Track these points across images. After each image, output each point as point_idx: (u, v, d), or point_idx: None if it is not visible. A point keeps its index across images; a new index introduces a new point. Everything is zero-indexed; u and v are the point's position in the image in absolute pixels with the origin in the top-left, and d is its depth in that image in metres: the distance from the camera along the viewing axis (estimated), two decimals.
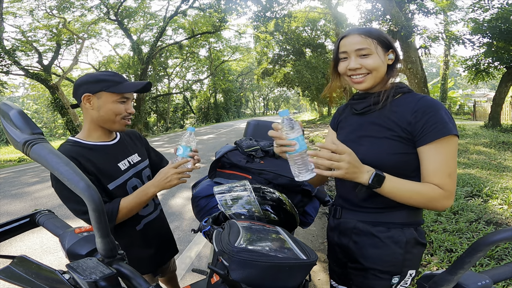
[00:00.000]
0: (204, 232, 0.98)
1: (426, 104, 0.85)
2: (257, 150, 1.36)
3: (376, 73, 0.89)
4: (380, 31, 0.93)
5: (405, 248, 0.89)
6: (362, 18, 12.41)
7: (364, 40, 0.88)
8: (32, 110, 32.85)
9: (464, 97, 22.04)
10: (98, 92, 1.06)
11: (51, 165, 0.49)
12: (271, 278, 0.67)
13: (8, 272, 0.52)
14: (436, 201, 0.82)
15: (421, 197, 0.82)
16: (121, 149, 1.19)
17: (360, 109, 0.96)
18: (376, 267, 0.90)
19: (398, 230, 0.89)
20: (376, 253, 0.90)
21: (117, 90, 1.06)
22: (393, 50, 0.92)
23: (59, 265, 2.52)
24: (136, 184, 1.18)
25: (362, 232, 0.93)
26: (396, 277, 0.90)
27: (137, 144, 1.29)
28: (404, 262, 0.90)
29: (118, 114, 1.09)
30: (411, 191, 0.82)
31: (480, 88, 38.76)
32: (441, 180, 0.82)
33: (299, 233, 2.92)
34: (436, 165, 0.82)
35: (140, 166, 1.23)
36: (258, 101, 71.21)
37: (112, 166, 1.12)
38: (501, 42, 8.69)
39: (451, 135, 0.82)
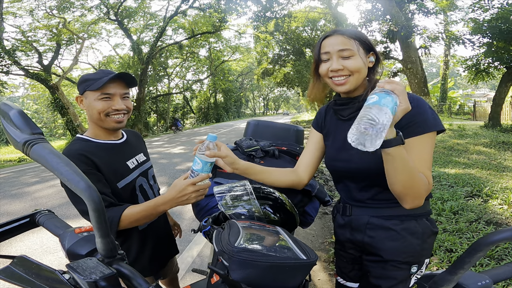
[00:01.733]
0: (204, 232, 0.98)
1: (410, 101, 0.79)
2: (257, 150, 1.36)
3: (358, 75, 0.89)
4: (362, 33, 0.93)
5: (422, 238, 0.91)
6: (362, 18, 12.42)
7: (347, 41, 0.88)
8: (32, 110, 32.87)
9: (464, 97, 22.06)
10: (84, 92, 1.06)
11: (51, 165, 0.49)
12: (271, 278, 0.67)
13: (8, 272, 0.52)
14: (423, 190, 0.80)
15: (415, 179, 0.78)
16: (128, 148, 1.19)
17: (346, 115, 0.96)
18: (396, 258, 0.92)
19: (413, 222, 0.91)
20: (394, 245, 0.92)
21: (94, 86, 1.03)
22: (373, 53, 0.92)
23: (59, 265, 2.52)
24: (142, 183, 1.18)
25: (377, 226, 0.95)
26: (414, 266, 0.93)
27: (141, 144, 1.31)
28: (422, 252, 0.92)
29: (101, 111, 1.05)
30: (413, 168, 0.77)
31: (480, 88, 38.77)
32: (424, 172, 0.82)
33: (299, 233, 2.92)
34: (421, 157, 0.83)
35: (146, 166, 1.25)
36: (258, 101, 71.21)
37: (122, 164, 1.12)
38: (501, 42, 8.69)
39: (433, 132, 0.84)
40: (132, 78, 1.12)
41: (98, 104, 1.05)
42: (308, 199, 1.32)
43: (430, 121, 0.84)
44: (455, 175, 4.22)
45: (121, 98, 1.09)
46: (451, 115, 17.69)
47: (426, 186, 0.81)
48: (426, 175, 0.82)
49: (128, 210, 0.98)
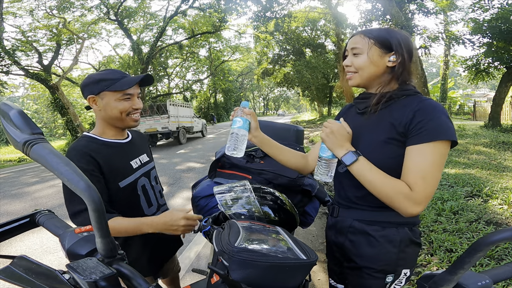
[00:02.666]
0: (204, 232, 0.98)
1: (426, 106, 0.83)
2: (257, 150, 1.36)
3: (362, 73, 0.91)
4: (388, 31, 0.91)
5: (399, 247, 0.89)
6: (362, 18, 12.41)
7: (360, 39, 0.91)
8: (32, 110, 32.85)
9: (464, 97, 22.06)
10: (101, 92, 1.07)
11: (51, 165, 0.49)
12: (271, 278, 0.67)
13: (8, 272, 0.52)
14: (399, 198, 0.79)
15: (386, 186, 0.80)
16: (133, 148, 1.20)
17: (361, 108, 0.97)
18: (371, 265, 0.91)
19: (393, 229, 0.90)
20: (370, 252, 0.91)
21: (117, 87, 1.06)
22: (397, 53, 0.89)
23: (59, 265, 2.52)
24: (144, 183, 1.19)
25: (357, 230, 0.94)
26: (390, 276, 0.91)
27: (145, 145, 1.32)
28: (398, 261, 0.90)
29: (124, 111, 1.09)
30: (378, 178, 0.82)
31: (480, 88, 38.77)
32: (413, 180, 0.79)
33: (299, 233, 2.92)
34: (416, 165, 0.79)
35: (149, 166, 1.25)
36: (258, 101, 71.19)
37: (125, 164, 1.13)
38: (501, 42, 8.69)
39: (443, 141, 0.79)
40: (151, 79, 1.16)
41: (120, 104, 1.08)
42: (308, 199, 1.32)
43: (436, 130, 0.79)
44: (455, 175, 4.22)
45: (137, 97, 1.14)
46: (451, 115, 17.69)
47: (403, 194, 0.78)
48: (412, 183, 0.78)
49: (113, 221, 0.98)
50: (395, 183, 0.81)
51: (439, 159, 0.79)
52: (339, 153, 0.87)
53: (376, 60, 0.89)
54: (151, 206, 1.21)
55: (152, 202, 1.21)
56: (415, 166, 0.79)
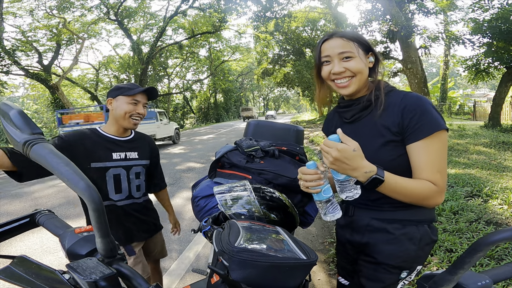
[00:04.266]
0: (204, 232, 0.98)
1: (411, 101, 0.86)
2: (257, 150, 1.36)
3: (360, 76, 0.90)
4: (359, 34, 0.94)
5: (418, 244, 0.90)
6: (362, 18, 12.42)
7: (346, 43, 0.89)
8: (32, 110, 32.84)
9: (464, 97, 22.04)
10: (117, 96, 1.39)
11: (51, 165, 0.49)
12: (271, 278, 0.67)
13: (8, 272, 0.52)
14: (431, 198, 0.84)
15: (417, 195, 0.83)
16: (125, 145, 1.44)
17: (349, 117, 0.96)
18: (389, 262, 0.92)
19: (413, 227, 0.90)
20: (390, 249, 0.92)
21: (127, 93, 1.38)
22: (373, 53, 0.92)
23: (59, 265, 2.52)
24: (120, 173, 1.40)
25: (376, 229, 0.94)
26: (405, 272, 0.92)
27: (142, 146, 1.52)
28: (416, 259, 0.92)
29: (128, 112, 1.37)
30: (407, 190, 0.83)
31: (480, 88, 38.77)
32: (433, 176, 0.82)
33: (299, 233, 2.92)
34: (427, 161, 0.83)
35: (133, 162, 1.45)
36: (258, 101, 71.20)
37: (105, 152, 1.37)
38: (501, 42, 8.69)
39: (441, 131, 0.83)
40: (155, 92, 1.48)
41: (127, 107, 1.37)
42: (308, 199, 1.32)
43: (431, 122, 0.83)
44: (455, 175, 4.22)
45: (142, 106, 1.43)
46: (451, 115, 17.69)
47: (433, 192, 0.82)
48: (433, 180, 0.82)
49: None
50: (422, 185, 0.83)
51: (443, 148, 0.84)
52: (360, 177, 0.79)
53: (365, 61, 0.90)
54: (118, 193, 1.41)
55: (122, 190, 1.41)
56: (428, 163, 0.83)
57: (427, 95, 11.17)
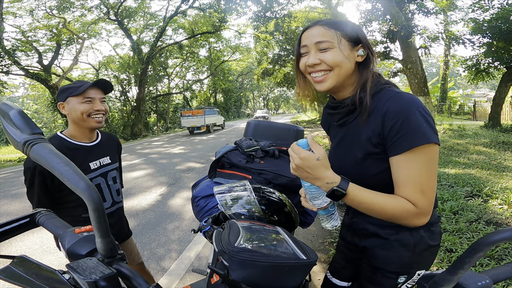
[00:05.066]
0: (204, 232, 0.98)
1: (395, 105, 0.73)
2: (257, 150, 1.36)
3: (338, 70, 0.78)
4: (351, 23, 0.81)
5: (413, 250, 0.84)
6: (362, 18, 12.42)
7: (326, 31, 0.77)
8: (32, 110, 32.84)
9: (464, 97, 22.04)
10: (67, 98, 1.25)
11: (51, 165, 0.49)
12: (271, 278, 0.67)
13: (8, 272, 0.52)
14: (406, 219, 0.73)
15: (389, 214, 0.73)
16: (96, 151, 1.36)
17: (337, 121, 0.88)
18: (385, 267, 0.89)
19: (407, 233, 0.84)
20: (384, 254, 0.88)
21: (76, 92, 1.24)
22: (363, 46, 0.80)
23: (59, 265, 2.52)
24: (100, 182, 1.35)
25: (371, 233, 0.91)
26: (402, 277, 0.88)
27: (111, 148, 1.45)
28: (412, 264, 0.87)
29: (84, 112, 1.25)
30: (375, 206, 0.73)
31: (480, 88, 38.77)
32: (412, 196, 0.72)
33: (299, 233, 2.92)
34: (407, 178, 0.72)
35: (107, 168, 1.39)
36: (258, 101, 71.18)
37: (83, 164, 1.29)
38: (501, 42, 8.68)
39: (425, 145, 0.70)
40: (108, 85, 1.32)
41: (81, 106, 1.24)
42: None
43: (418, 132, 0.70)
44: (455, 175, 4.22)
45: (100, 101, 1.29)
46: (451, 115, 17.69)
47: (410, 213, 0.72)
48: (412, 200, 0.71)
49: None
50: (397, 204, 0.72)
51: (430, 164, 0.71)
52: (321, 188, 0.73)
53: (348, 54, 0.78)
54: (104, 202, 1.34)
55: (105, 198, 1.38)
56: (409, 180, 0.72)
57: (427, 95, 11.17)
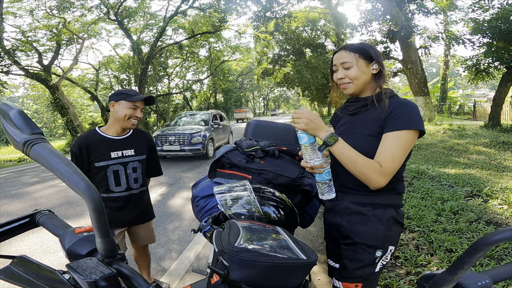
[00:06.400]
0: (204, 232, 0.99)
1: (401, 103, 1.03)
2: (257, 150, 1.36)
3: (356, 82, 1.07)
4: (365, 45, 1.09)
5: (386, 225, 1.04)
6: (362, 18, 12.42)
7: (347, 54, 1.07)
8: (32, 110, 32.84)
9: (464, 97, 22.02)
10: (119, 100, 1.60)
11: (51, 165, 0.49)
12: (271, 278, 0.67)
13: (8, 272, 0.52)
14: (371, 172, 0.96)
15: (360, 165, 0.97)
16: (121, 144, 1.66)
17: (352, 110, 1.14)
18: (364, 241, 1.05)
19: (381, 210, 1.05)
20: (363, 229, 1.06)
21: (129, 99, 1.59)
22: (376, 62, 1.08)
23: (59, 265, 2.52)
24: (118, 169, 1.64)
25: (353, 211, 1.08)
26: (379, 251, 1.05)
27: (139, 143, 1.73)
28: (386, 238, 1.05)
29: (128, 115, 1.60)
30: (354, 157, 0.98)
31: (480, 88, 38.76)
32: (383, 159, 0.97)
33: (299, 233, 2.92)
34: (387, 148, 0.97)
35: (129, 159, 1.67)
36: (258, 101, 71.17)
37: (105, 152, 1.61)
38: (501, 42, 8.68)
39: (411, 130, 0.97)
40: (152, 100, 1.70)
41: (127, 111, 1.60)
42: (308, 199, 1.32)
43: (408, 121, 0.98)
44: (455, 175, 4.22)
45: (140, 110, 1.65)
46: (451, 115, 17.68)
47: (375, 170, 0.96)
48: (381, 161, 0.97)
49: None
50: (368, 162, 0.98)
51: (405, 144, 0.98)
52: (321, 135, 1.01)
53: (365, 70, 1.07)
54: (118, 186, 1.66)
55: (121, 183, 1.66)
56: (387, 149, 0.98)
57: (427, 95, 11.17)
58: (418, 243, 2.48)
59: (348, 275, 1.09)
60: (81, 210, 4.02)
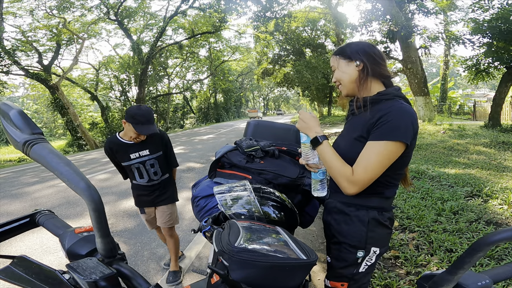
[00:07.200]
0: (204, 232, 0.98)
1: (393, 110, 0.95)
2: (257, 150, 1.36)
3: (343, 83, 1.09)
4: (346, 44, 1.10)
5: (367, 226, 1.04)
6: (362, 18, 12.42)
7: (332, 58, 1.12)
8: (32, 110, 32.85)
9: (464, 97, 22.02)
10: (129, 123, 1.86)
11: (51, 165, 0.49)
12: (271, 278, 0.67)
13: (8, 272, 0.52)
14: (342, 179, 0.97)
15: (334, 169, 0.99)
16: (137, 146, 1.97)
17: (350, 111, 1.15)
18: (346, 241, 1.06)
19: (364, 211, 1.05)
20: (346, 229, 1.07)
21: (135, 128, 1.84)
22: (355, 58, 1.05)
23: (59, 265, 2.52)
24: (139, 166, 1.99)
25: (339, 210, 1.10)
26: (360, 252, 1.05)
27: (153, 143, 2.01)
28: (367, 239, 1.04)
29: (133, 137, 1.92)
30: (332, 160, 0.99)
31: (480, 88, 38.75)
32: (356, 166, 0.96)
33: (299, 233, 2.92)
34: (364, 157, 0.95)
35: (145, 158, 1.99)
36: (258, 101, 71.17)
37: (126, 154, 1.96)
38: (501, 42, 8.68)
39: (392, 141, 0.92)
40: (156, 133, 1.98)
41: (132, 134, 1.89)
42: (308, 199, 1.32)
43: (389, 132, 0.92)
44: (455, 175, 4.22)
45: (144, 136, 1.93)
46: (451, 115, 17.68)
47: (345, 176, 0.96)
48: (354, 170, 0.96)
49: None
50: (344, 167, 0.98)
51: (384, 156, 0.93)
52: (310, 135, 1.05)
53: (345, 69, 1.07)
54: (142, 178, 2.03)
55: (143, 176, 2.02)
56: (363, 158, 0.96)
57: (427, 95, 11.17)
58: (418, 243, 2.48)
59: (334, 273, 1.11)
60: (81, 210, 4.02)
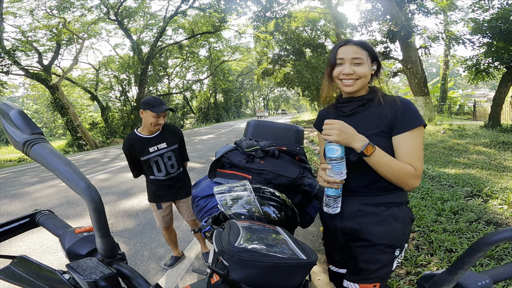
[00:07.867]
0: (204, 232, 0.98)
1: (402, 102, 1.05)
2: (257, 150, 1.35)
3: (364, 80, 1.06)
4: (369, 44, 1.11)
5: (403, 223, 1.05)
6: (362, 18, 12.42)
7: (360, 51, 1.05)
8: (32, 110, 32.85)
9: (464, 97, 22.02)
10: (146, 110, 1.98)
11: (51, 165, 0.49)
12: (271, 278, 0.67)
13: (8, 272, 0.52)
14: (409, 177, 0.98)
15: (399, 172, 0.97)
16: (154, 140, 2.09)
17: (347, 111, 1.11)
18: (383, 242, 1.04)
19: (396, 208, 1.05)
20: (381, 230, 1.04)
21: (153, 110, 1.97)
22: (377, 62, 1.10)
23: (59, 265, 2.52)
24: (157, 159, 2.10)
25: (367, 213, 1.07)
26: (398, 250, 1.06)
27: (169, 137, 2.14)
28: (403, 236, 1.06)
29: (153, 123, 2.02)
30: (392, 165, 0.97)
31: (480, 88, 38.76)
32: (414, 162, 0.98)
33: (299, 233, 2.92)
34: (411, 149, 0.99)
35: (163, 151, 2.11)
36: (258, 101, 71.18)
37: (145, 149, 2.06)
38: (501, 42, 8.68)
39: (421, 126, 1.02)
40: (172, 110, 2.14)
41: (152, 119, 2.00)
42: (308, 199, 1.32)
43: (416, 119, 1.01)
44: (455, 175, 4.22)
45: (163, 117, 2.04)
46: (451, 115, 17.67)
47: (411, 174, 0.98)
48: (413, 164, 0.98)
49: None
50: (405, 165, 0.98)
51: (421, 140, 1.02)
52: (357, 145, 0.95)
53: (370, 69, 1.08)
54: (160, 172, 2.14)
55: (161, 169, 2.13)
56: (411, 150, 0.99)
57: (427, 95, 11.17)
58: (418, 243, 2.48)
59: (366, 276, 1.07)
60: (81, 210, 4.02)
